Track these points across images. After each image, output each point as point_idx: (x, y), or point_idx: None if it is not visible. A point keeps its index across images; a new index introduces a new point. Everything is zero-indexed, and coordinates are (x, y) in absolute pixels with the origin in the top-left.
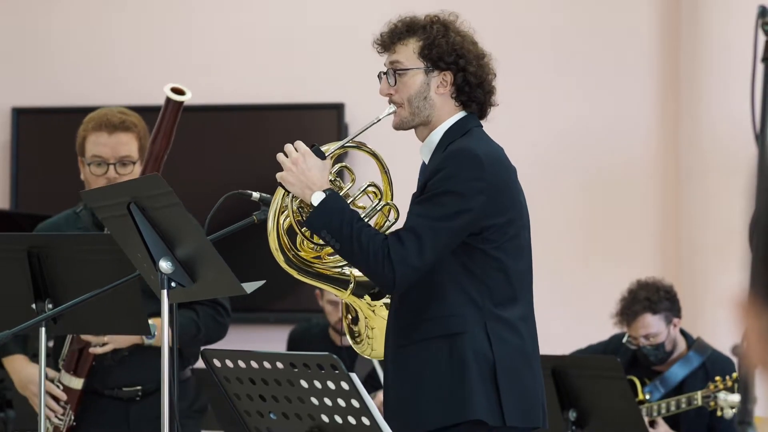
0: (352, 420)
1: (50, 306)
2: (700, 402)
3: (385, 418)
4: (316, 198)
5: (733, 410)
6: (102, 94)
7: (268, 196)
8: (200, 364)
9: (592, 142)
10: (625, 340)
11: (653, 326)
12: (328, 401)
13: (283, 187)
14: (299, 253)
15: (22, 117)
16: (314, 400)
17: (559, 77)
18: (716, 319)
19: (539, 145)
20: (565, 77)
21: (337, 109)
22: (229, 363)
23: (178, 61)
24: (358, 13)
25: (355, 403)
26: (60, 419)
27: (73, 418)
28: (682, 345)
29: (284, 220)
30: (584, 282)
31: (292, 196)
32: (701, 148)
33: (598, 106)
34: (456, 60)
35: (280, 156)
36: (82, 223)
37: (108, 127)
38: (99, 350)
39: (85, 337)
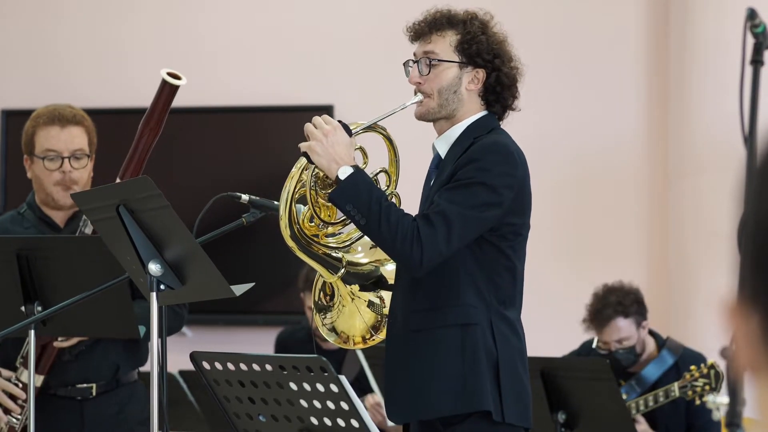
0: (341, 422)
1: (39, 308)
2: (677, 393)
3: (388, 403)
4: (344, 172)
5: (721, 412)
6: (93, 96)
7: (258, 198)
8: (188, 365)
9: (579, 141)
10: (594, 345)
11: (625, 330)
12: (317, 403)
13: (308, 158)
14: (303, 228)
15: (12, 119)
16: (303, 403)
17: (547, 76)
18: (705, 320)
19: (527, 143)
20: (553, 76)
21: (327, 111)
22: (218, 365)
23: (168, 63)
24: (348, 16)
25: (344, 405)
26: (17, 418)
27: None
28: (651, 345)
29: (297, 189)
30: (571, 282)
31: (312, 170)
32: (690, 147)
33: (586, 104)
34: (492, 59)
35: (308, 126)
36: (28, 223)
37: (60, 120)
38: (65, 344)
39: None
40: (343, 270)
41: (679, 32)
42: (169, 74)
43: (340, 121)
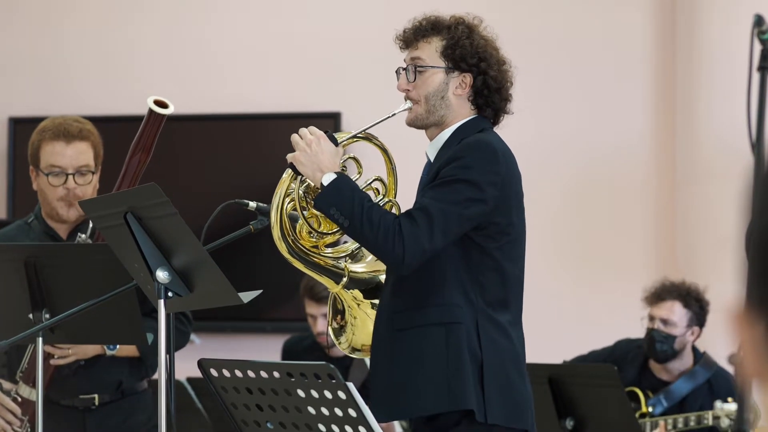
0: (349, 429)
1: (47, 316)
2: (710, 422)
3: (373, 402)
4: (327, 178)
5: (730, 419)
6: (99, 104)
7: (265, 205)
8: (196, 372)
9: (586, 147)
10: (643, 319)
11: (676, 315)
12: (325, 410)
13: (293, 169)
14: (299, 240)
15: (19, 126)
16: (311, 410)
17: (554, 84)
18: (713, 326)
19: (534, 151)
20: (560, 84)
21: (334, 117)
22: (225, 372)
23: (175, 70)
24: (355, 23)
25: (352, 412)
26: (16, 431)
27: (29, 430)
28: (689, 359)
29: (288, 204)
30: (579, 290)
31: (300, 180)
32: (697, 153)
33: (593, 111)
34: (478, 63)
35: (294, 137)
36: (34, 234)
37: (66, 136)
38: (62, 361)
39: (47, 348)
40: (346, 279)
41: (685, 37)
42: (157, 102)
43: (326, 132)
